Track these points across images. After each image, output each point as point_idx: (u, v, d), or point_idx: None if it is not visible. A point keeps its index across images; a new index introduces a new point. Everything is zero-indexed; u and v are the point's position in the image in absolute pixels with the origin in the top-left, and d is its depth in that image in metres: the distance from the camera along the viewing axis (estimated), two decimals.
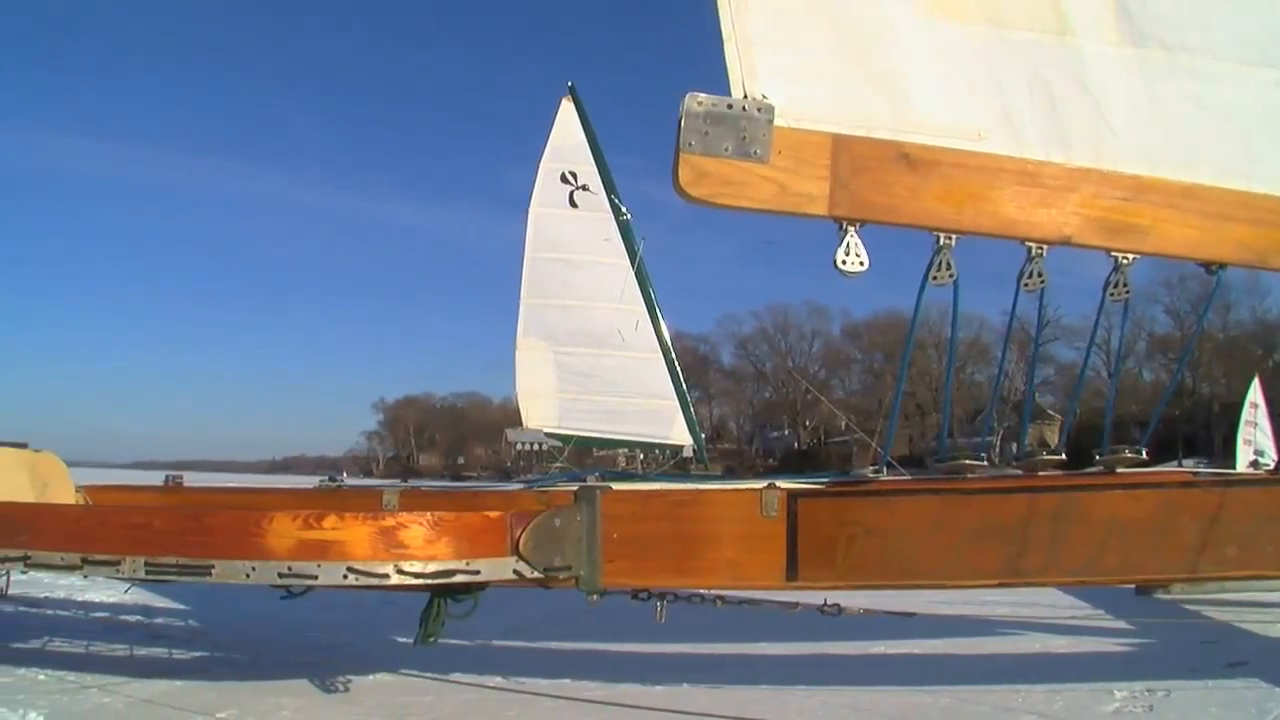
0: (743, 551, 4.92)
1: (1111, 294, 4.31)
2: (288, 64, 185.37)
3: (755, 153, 3.91)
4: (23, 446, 7.26)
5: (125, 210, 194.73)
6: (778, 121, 3.96)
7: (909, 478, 5.22)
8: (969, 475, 4.83)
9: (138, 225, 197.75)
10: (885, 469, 5.03)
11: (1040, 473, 4.87)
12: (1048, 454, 4.85)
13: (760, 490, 4.92)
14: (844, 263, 3.99)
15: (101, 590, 9.45)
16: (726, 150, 3.89)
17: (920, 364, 67.11)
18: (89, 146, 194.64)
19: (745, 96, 3.96)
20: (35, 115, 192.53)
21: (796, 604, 5.36)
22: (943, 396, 67.80)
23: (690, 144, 3.89)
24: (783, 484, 4.97)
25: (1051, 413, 57.68)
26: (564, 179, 22.73)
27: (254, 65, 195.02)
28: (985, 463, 4.89)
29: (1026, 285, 4.21)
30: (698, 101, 3.91)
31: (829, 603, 5.27)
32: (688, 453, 22.56)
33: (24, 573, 5.56)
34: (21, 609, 8.62)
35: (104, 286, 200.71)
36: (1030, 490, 4.79)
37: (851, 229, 4.00)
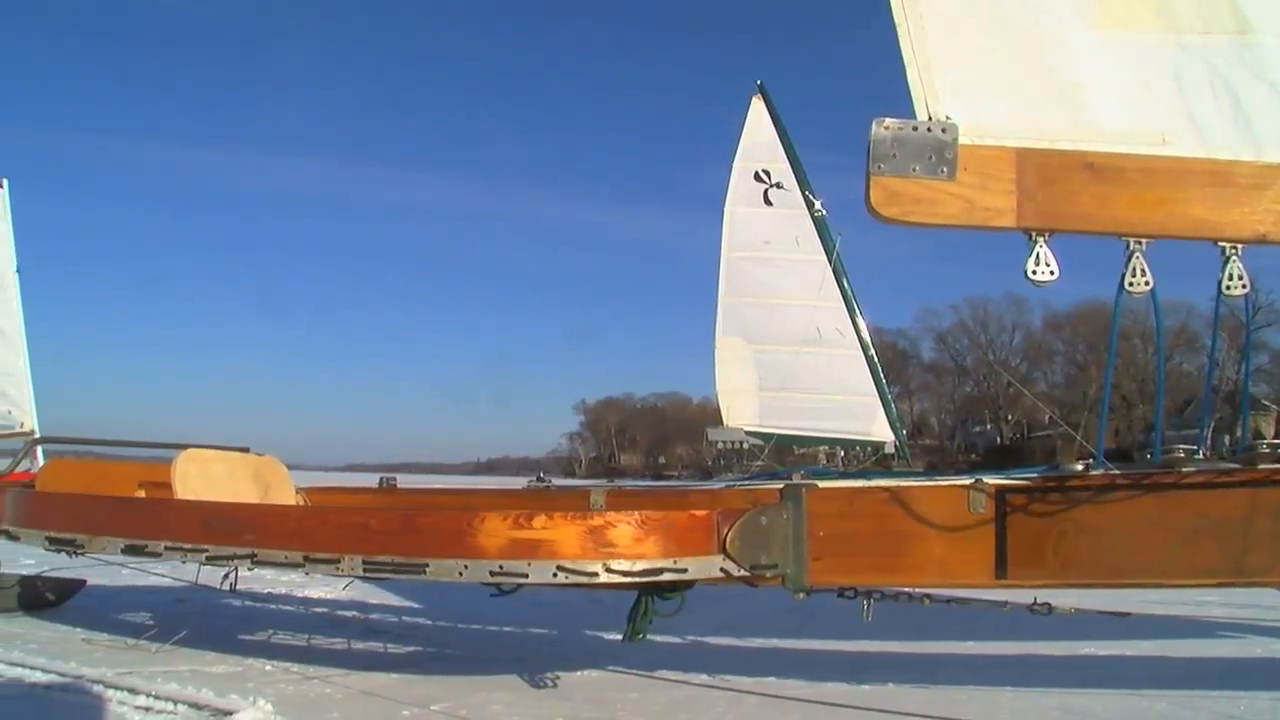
0: (950, 549, 4.88)
1: None
2: (482, 72, 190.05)
3: (942, 171, 3.94)
4: (245, 451, 7.72)
5: (331, 221, 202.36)
6: (962, 140, 3.98)
7: (1120, 472, 5.10)
8: (1183, 469, 4.70)
9: (340, 236, 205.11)
10: (1095, 463, 4.95)
11: (1260, 466, 4.69)
12: (1266, 446, 4.67)
13: (967, 486, 4.89)
14: (1034, 273, 3.98)
15: (320, 586, 9.88)
16: (915, 171, 3.94)
17: (1125, 354, 64.58)
18: (291, 163, 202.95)
19: (930, 118, 3.99)
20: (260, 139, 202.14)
21: (1005, 602, 5.29)
22: (1149, 388, 65.44)
23: (880, 167, 3.95)
24: (990, 480, 4.91)
25: (1266, 403, 55.06)
26: (757, 177, 22.78)
27: (449, 76, 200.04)
28: (1200, 456, 4.75)
29: (1228, 291, 4.08)
30: (884, 126, 3.97)
31: (1039, 601, 5.18)
32: (889, 449, 22.32)
33: (250, 569, 5.83)
34: (248, 603, 9.04)
35: (313, 297, 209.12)
36: (1251, 484, 4.60)
37: (1041, 239, 3.98)
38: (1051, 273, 3.97)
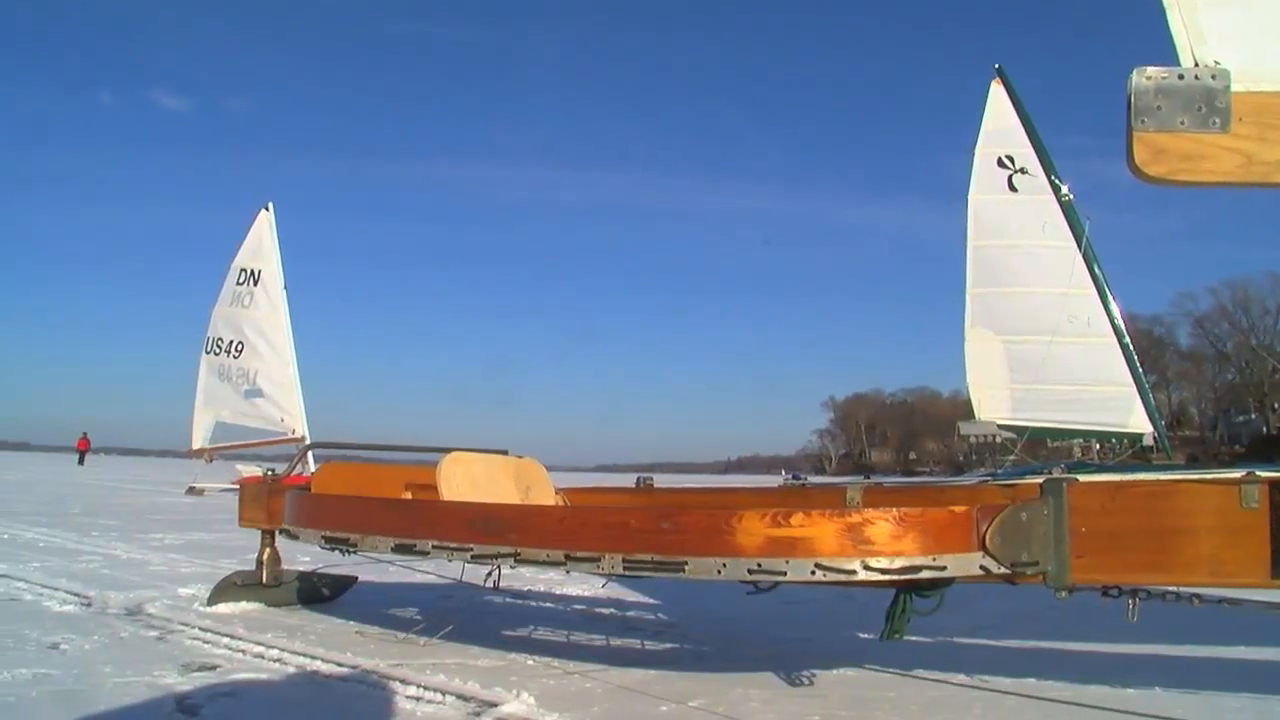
0: (1221, 546, 4.60)
1: None
2: (730, 76, 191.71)
3: (1214, 123, 3.63)
4: (504, 453, 7.95)
5: (596, 228, 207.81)
6: (1235, 87, 3.67)
7: None
8: None
9: (603, 242, 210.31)
10: None
11: None
12: None
13: (1239, 480, 4.61)
14: None
15: (578, 584, 10.05)
16: (1182, 124, 3.63)
17: None
18: (542, 175, 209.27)
19: (1196, 65, 3.69)
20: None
21: None
22: None
23: (1143, 121, 3.65)
24: (1262, 473, 4.63)
25: None
26: (1001, 163, 22.30)
27: (698, 82, 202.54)
28: None
29: None
30: (1146, 76, 3.68)
31: None
32: (1147, 441, 21.53)
33: (513, 567, 6.02)
34: (509, 600, 9.28)
35: (565, 303, 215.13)
36: None
37: None
38: None
